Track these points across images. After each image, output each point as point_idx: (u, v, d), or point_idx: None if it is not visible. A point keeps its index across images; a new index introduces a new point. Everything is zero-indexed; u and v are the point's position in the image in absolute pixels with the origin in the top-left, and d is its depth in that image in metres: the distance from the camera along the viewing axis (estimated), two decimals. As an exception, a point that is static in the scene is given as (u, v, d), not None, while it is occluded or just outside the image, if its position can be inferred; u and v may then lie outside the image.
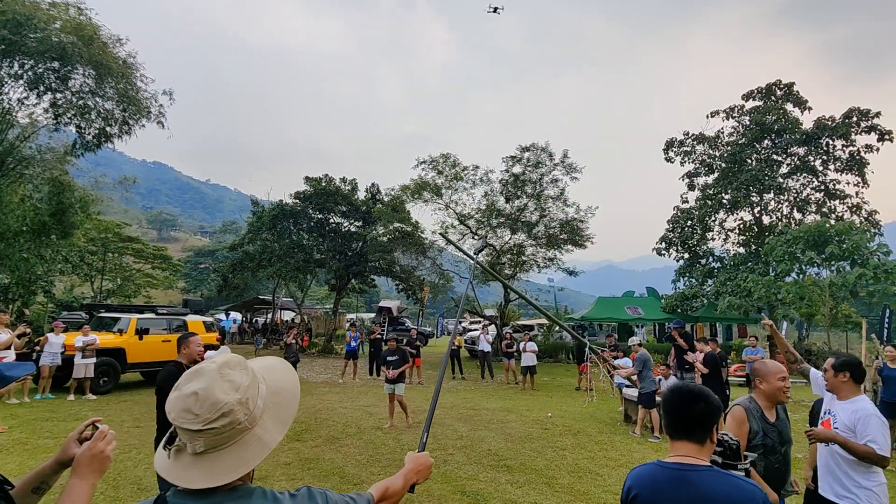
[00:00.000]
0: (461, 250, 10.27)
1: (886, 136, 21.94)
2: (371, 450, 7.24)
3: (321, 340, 25.81)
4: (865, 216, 22.31)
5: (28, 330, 9.12)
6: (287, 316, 35.50)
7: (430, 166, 21.64)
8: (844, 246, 17.69)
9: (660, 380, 9.31)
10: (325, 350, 23.24)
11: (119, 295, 30.77)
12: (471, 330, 24.84)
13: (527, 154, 21.17)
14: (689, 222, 24.30)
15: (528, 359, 14.03)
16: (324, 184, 24.28)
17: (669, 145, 25.97)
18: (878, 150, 22.27)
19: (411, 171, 22.10)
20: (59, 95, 15.43)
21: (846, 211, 22.61)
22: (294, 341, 12.89)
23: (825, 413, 3.36)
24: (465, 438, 8.09)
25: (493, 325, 21.54)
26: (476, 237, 21.92)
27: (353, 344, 14.70)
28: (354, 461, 6.70)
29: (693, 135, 25.39)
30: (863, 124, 22.21)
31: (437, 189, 21.37)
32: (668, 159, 26.01)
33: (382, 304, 32.10)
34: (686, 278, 24.37)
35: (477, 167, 21.67)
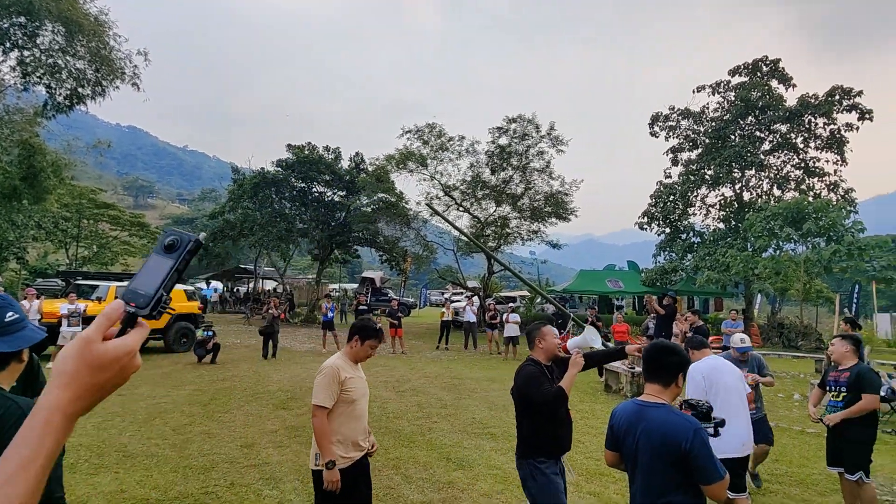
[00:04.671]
0: (448, 221, 10.20)
1: (867, 116, 22.24)
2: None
3: (304, 310, 25.77)
4: (842, 194, 22.76)
5: None
6: (269, 285, 35.28)
7: (416, 136, 21.35)
8: (821, 223, 18.10)
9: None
10: (307, 320, 23.23)
11: (95, 262, 30.18)
12: (454, 301, 25.02)
13: (513, 125, 20.99)
14: (672, 197, 24.54)
15: (511, 329, 14.22)
16: (307, 152, 23.83)
17: (655, 119, 25.98)
18: (857, 128, 22.60)
19: (396, 140, 21.81)
20: (26, 53, 14.73)
21: (824, 188, 23.04)
22: (272, 313, 12.80)
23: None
24: (449, 407, 8.22)
25: (476, 297, 21.72)
26: (461, 209, 21.86)
27: (329, 315, 14.67)
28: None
29: (679, 109, 25.42)
30: (845, 102, 22.45)
31: (422, 159, 21.14)
32: (654, 133, 26.06)
33: (365, 274, 32.06)
34: (666, 252, 24.75)
35: (463, 138, 21.45)
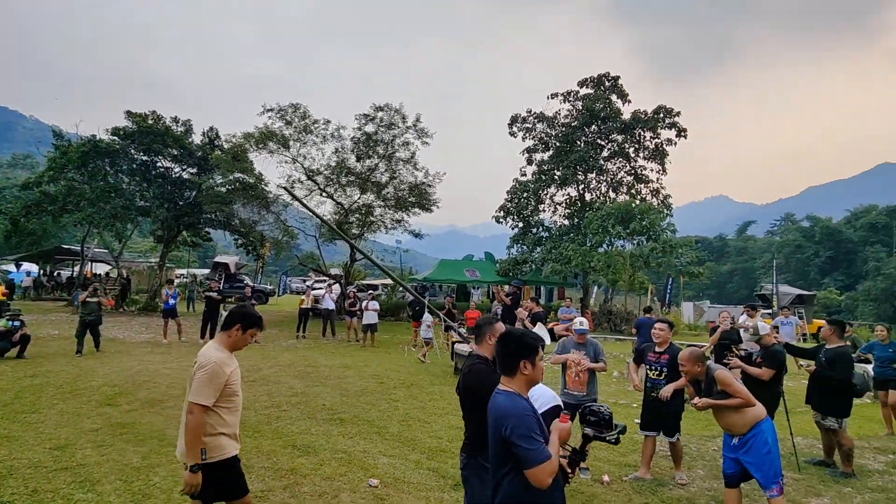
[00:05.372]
0: (307, 207, 9.93)
1: (682, 133, 26.10)
2: (197, 411, 6.88)
3: (143, 297, 23.23)
4: (662, 199, 26.50)
5: None
6: (101, 269, 31.13)
7: (278, 115, 20.31)
8: (644, 223, 20.93)
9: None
10: (147, 307, 20.99)
11: None
12: (316, 289, 24.41)
13: (380, 114, 20.98)
14: (525, 194, 26.50)
15: (370, 317, 14.34)
16: (151, 121, 21.34)
17: (514, 120, 27.78)
18: (675, 143, 26.42)
19: (257, 118, 20.51)
20: None
21: (649, 194, 26.60)
22: (96, 299, 11.29)
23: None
24: (300, 395, 8.10)
25: (337, 284, 21.43)
26: (324, 194, 21.34)
27: (171, 302, 13.44)
28: (177, 422, 6.29)
29: (535, 113, 27.46)
30: (667, 120, 26.10)
31: (284, 140, 20.19)
32: (512, 134, 27.85)
33: (218, 259, 29.79)
34: (519, 245, 26.71)
35: (328, 121, 20.92)
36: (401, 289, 25.38)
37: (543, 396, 3.49)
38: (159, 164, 22.33)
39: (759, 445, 3.93)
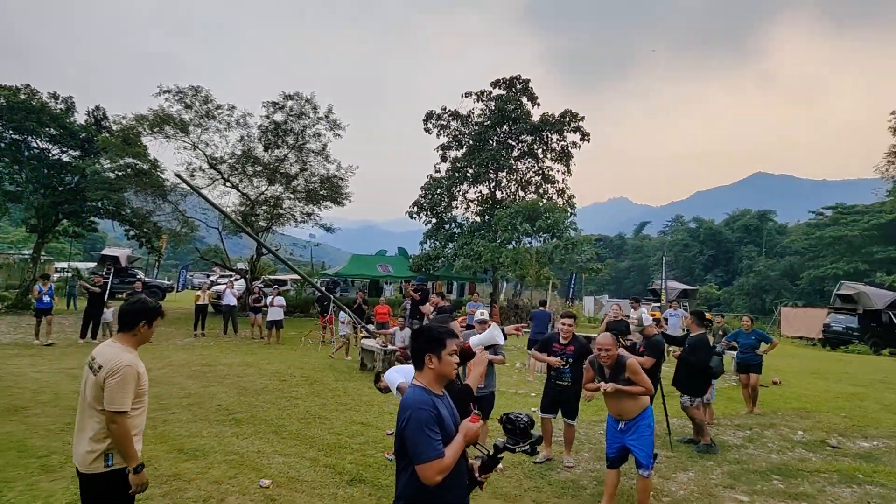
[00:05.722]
0: (205, 198, 9.29)
1: (585, 137, 27.61)
2: (69, 416, 6.27)
3: (13, 294, 20.70)
4: (567, 199, 27.88)
5: None
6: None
7: (177, 98, 18.89)
8: (549, 221, 21.93)
9: (395, 330, 10.30)
10: (17, 305, 18.72)
11: None
12: (218, 284, 23.08)
13: (290, 102, 20.20)
14: (439, 190, 26.77)
15: (275, 313, 13.83)
16: (23, 96, 19.01)
17: (429, 117, 27.92)
18: (580, 147, 27.90)
19: (152, 99, 18.93)
20: None
21: (555, 193, 27.85)
22: None
23: None
24: (193, 395, 7.65)
25: (242, 279, 20.43)
26: (228, 184, 20.19)
27: (45, 299, 12.09)
28: (44, 431, 5.73)
29: (450, 111, 27.77)
30: (572, 124, 27.47)
31: (183, 125, 18.81)
32: (427, 130, 27.98)
33: (107, 251, 27.15)
34: (432, 241, 26.95)
35: (233, 107, 19.79)
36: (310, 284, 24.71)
37: (485, 335, 3.49)
38: (34, 144, 19.96)
39: (643, 429, 4.28)
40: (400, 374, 4.76)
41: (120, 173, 19.56)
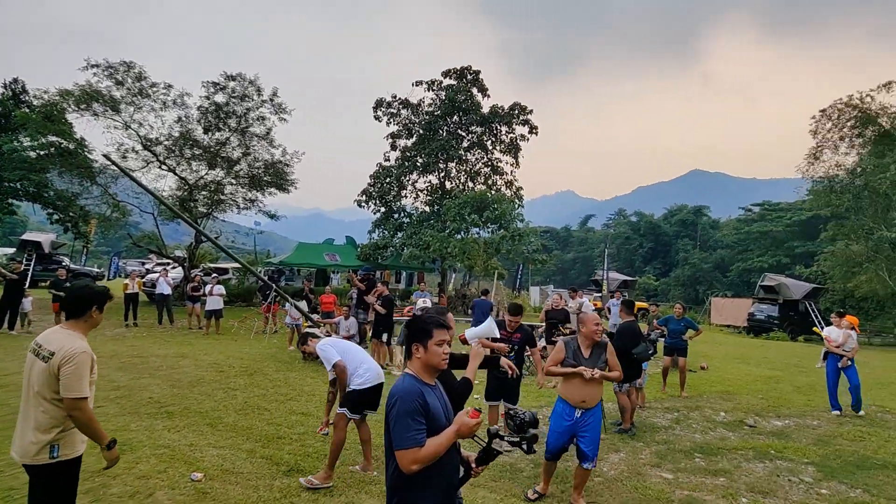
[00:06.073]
0: (134, 180, 8.75)
1: (534, 131, 28.07)
2: (-20, 413, 5.83)
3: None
4: (514, 191, 28.31)
5: None
6: None
7: (106, 73, 17.69)
8: (497, 212, 22.22)
9: (340, 319, 10.19)
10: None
11: None
12: (154, 272, 21.99)
13: (232, 83, 19.37)
14: (388, 179, 26.53)
15: (214, 302, 13.35)
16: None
17: (379, 105, 27.54)
18: (528, 139, 28.34)
19: (78, 74, 17.63)
20: None
21: (503, 185, 28.23)
22: None
23: None
24: (122, 388, 7.29)
25: (179, 267, 19.55)
26: (164, 167, 19.17)
27: None
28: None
29: (400, 99, 27.50)
30: (521, 117, 27.85)
31: (113, 103, 17.67)
32: (377, 118, 27.61)
33: (28, 236, 25.27)
34: (381, 230, 26.73)
35: (170, 86, 18.76)
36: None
37: (482, 328, 3.52)
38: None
39: (597, 419, 4.31)
40: (334, 349, 4.80)
41: (42, 152, 18.22)
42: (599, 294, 27.71)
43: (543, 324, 9.52)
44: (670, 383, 9.32)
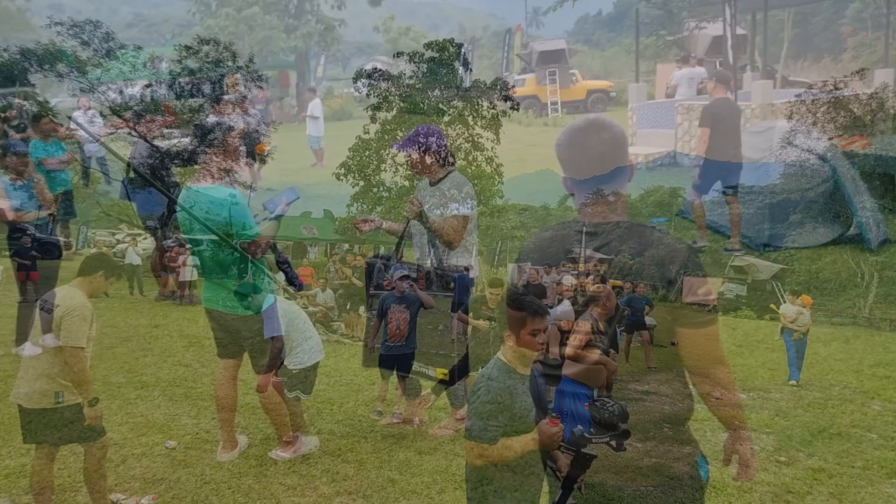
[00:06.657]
0: (103, 145, 8.46)
1: (515, 107, 27.88)
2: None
3: None
4: (495, 167, 28.19)
5: None
6: None
7: (71, 32, 16.83)
8: (476, 188, 22.17)
9: (317, 291, 10.16)
10: None
11: None
12: (123, 242, 21.45)
13: (206, 48, 18.67)
14: (368, 152, 26.14)
15: (189, 273, 13.15)
16: None
17: (359, 76, 26.95)
18: (509, 115, 28.14)
19: (41, 31, 16.72)
20: None
21: (484, 161, 28.07)
22: None
23: None
24: (94, 358, 7.06)
25: (151, 238, 19.09)
26: (134, 133, 18.51)
27: None
28: None
29: (380, 70, 26.94)
30: (503, 92, 27.61)
31: (79, 64, 16.88)
32: (357, 89, 27.06)
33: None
34: (359, 203, 26.42)
35: (139, 48, 17.97)
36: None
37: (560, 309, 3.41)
38: None
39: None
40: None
41: (1, 114, 17.38)
42: (576, 272, 28.04)
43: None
44: (641, 358, 9.57)
